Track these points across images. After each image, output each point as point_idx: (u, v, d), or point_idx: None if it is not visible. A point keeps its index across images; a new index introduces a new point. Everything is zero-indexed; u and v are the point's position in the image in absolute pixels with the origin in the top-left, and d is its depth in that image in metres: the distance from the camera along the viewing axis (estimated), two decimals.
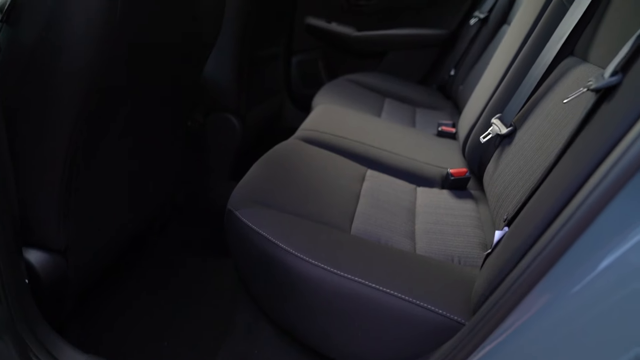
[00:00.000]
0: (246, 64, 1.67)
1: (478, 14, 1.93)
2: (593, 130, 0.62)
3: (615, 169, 0.49)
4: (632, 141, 0.49)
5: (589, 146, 0.58)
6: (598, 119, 0.62)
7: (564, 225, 0.52)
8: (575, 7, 0.99)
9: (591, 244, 0.51)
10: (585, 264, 0.51)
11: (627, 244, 0.49)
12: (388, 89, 1.95)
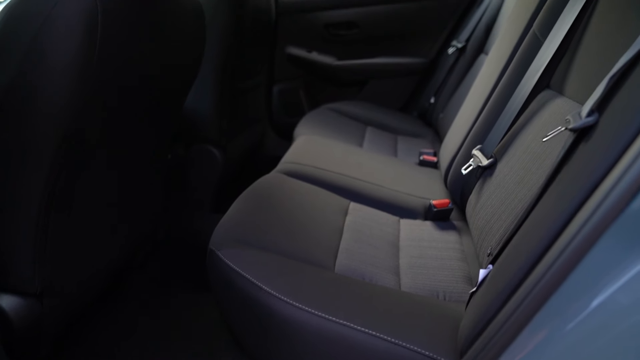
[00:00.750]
0: (227, 95, 1.67)
1: (456, 43, 1.96)
2: (573, 170, 0.62)
3: (599, 212, 0.49)
4: (614, 184, 0.49)
5: (570, 187, 0.58)
6: (577, 159, 0.63)
7: (549, 268, 0.52)
8: (550, 42, 1.01)
9: (577, 286, 0.51)
10: (573, 305, 0.51)
11: (616, 283, 0.49)
12: (369, 118, 1.96)
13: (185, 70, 1.14)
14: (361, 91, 2.30)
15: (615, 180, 0.49)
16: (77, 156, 0.83)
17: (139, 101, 0.99)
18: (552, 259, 0.52)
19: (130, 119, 0.99)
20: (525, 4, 1.23)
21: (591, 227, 0.49)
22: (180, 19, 1.04)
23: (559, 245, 0.53)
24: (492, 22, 1.78)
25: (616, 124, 0.57)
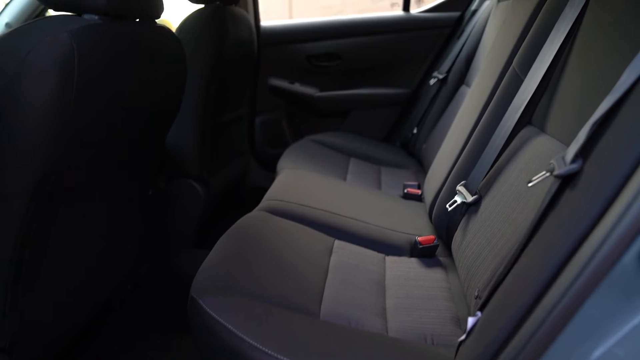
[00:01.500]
0: (209, 128, 1.66)
1: (437, 74, 1.98)
2: (559, 218, 0.61)
3: (590, 267, 0.48)
4: (604, 237, 0.48)
5: (558, 236, 0.58)
6: (563, 207, 0.62)
7: (540, 325, 0.51)
8: (530, 79, 1.01)
9: (569, 344, 0.50)
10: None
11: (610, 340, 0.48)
12: (353, 149, 1.96)
13: (166, 106, 1.13)
14: (344, 122, 2.31)
15: (605, 233, 0.48)
16: (52, 199, 0.81)
17: (120, 139, 0.97)
18: (543, 315, 0.51)
19: (110, 157, 0.97)
20: (504, 41, 1.25)
21: (582, 282, 0.48)
22: (160, 56, 1.03)
23: (549, 300, 0.51)
24: (472, 55, 1.80)
25: (601, 171, 0.57)
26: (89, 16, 0.83)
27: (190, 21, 1.58)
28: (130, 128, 1.00)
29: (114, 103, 0.89)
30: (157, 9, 0.98)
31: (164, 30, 1.02)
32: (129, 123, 0.98)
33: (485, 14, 1.83)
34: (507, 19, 1.33)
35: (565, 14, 0.98)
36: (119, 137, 0.96)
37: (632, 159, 0.52)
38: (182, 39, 1.53)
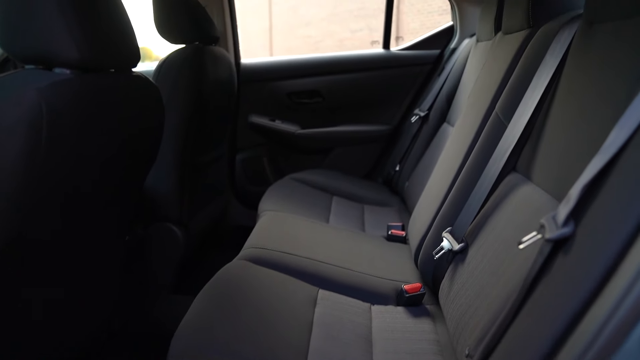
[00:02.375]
0: (188, 170, 1.62)
1: (418, 112, 1.99)
2: (554, 285, 0.59)
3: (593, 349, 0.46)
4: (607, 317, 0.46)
5: (553, 306, 0.55)
6: (557, 272, 0.60)
7: None
8: (513, 126, 1.01)
9: None
10: None
11: None
12: (335, 187, 1.94)
13: (143, 156, 1.09)
14: (326, 159, 2.29)
15: (606, 313, 0.46)
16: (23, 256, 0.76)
17: (95, 192, 0.93)
18: None
19: (85, 210, 0.93)
20: (485, 85, 1.25)
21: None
22: (137, 107, 1.00)
23: None
24: (453, 93, 1.81)
25: (595, 238, 0.55)
26: (60, 70, 0.80)
27: (169, 62, 1.56)
28: (106, 180, 0.96)
29: (87, 158, 0.85)
30: (132, 59, 0.96)
31: (140, 80, 1.00)
32: (105, 175, 0.95)
33: (465, 52, 1.85)
34: (488, 63, 1.33)
35: (546, 62, 0.98)
36: (94, 189, 0.93)
37: (629, 227, 0.50)
38: (160, 80, 1.52)
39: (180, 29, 1.61)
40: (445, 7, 8.37)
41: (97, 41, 0.83)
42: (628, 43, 0.71)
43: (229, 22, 2.13)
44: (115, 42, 0.90)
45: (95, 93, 0.84)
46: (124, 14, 0.93)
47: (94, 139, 0.86)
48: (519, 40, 1.16)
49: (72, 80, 0.78)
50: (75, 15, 0.78)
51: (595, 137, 0.70)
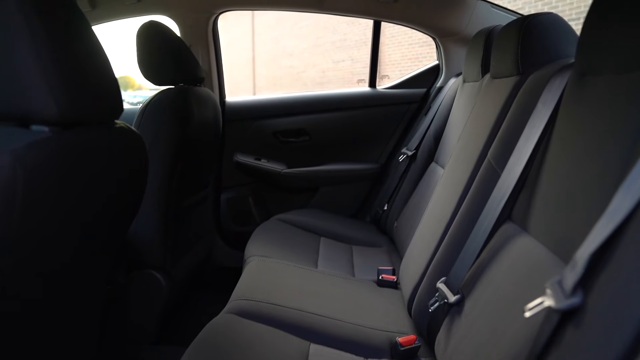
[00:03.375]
0: (172, 215, 1.57)
1: (406, 150, 1.98)
2: None
3: None
4: None
5: None
6: (568, 346, 0.56)
7: None
8: (507, 175, 0.99)
9: None
10: None
11: None
12: (322, 227, 1.90)
13: (128, 209, 1.05)
14: (312, 198, 2.26)
15: None
16: None
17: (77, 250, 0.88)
18: None
19: (65, 268, 0.88)
20: (475, 130, 1.24)
21: None
22: (120, 160, 0.96)
23: None
24: (440, 132, 1.80)
25: (608, 314, 0.52)
26: (38, 127, 0.76)
27: (153, 104, 1.52)
28: (88, 237, 0.91)
29: (67, 218, 0.81)
30: (115, 111, 0.92)
31: (123, 132, 0.96)
32: (86, 233, 0.90)
33: (452, 91, 1.85)
34: (477, 107, 1.33)
35: (538, 111, 0.97)
36: (75, 248, 0.88)
37: None
38: (144, 123, 1.48)
39: (165, 71, 1.58)
40: (425, 40, 8.54)
41: (79, 95, 0.80)
42: (623, 98, 0.70)
43: (214, 61, 2.11)
44: (98, 95, 0.86)
45: (75, 151, 0.80)
46: (106, 63, 0.90)
47: (75, 198, 0.82)
48: (508, 86, 1.16)
49: (51, 139, 0.74)
50: (55, 69, 0.75)
51: (591, 192, 0.69)
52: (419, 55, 8.95)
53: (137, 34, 1.55)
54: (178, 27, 2.03)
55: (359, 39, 10.49)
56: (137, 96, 13.51)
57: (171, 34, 1.61)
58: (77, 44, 0.81)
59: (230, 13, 2.06)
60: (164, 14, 2.00)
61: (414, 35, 8.39)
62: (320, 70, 12.05)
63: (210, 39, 2.07)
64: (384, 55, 9.75)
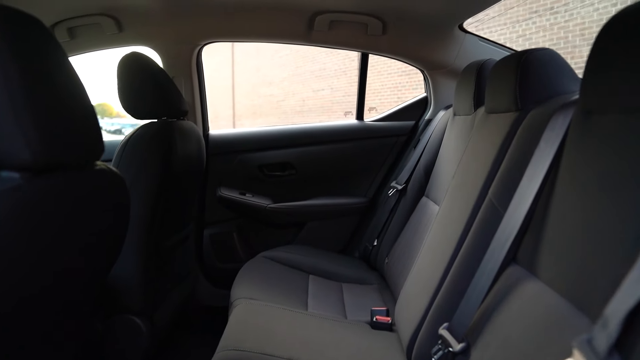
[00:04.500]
0: (153, 256, 1.49)
1: (395, 184, 1.94)
2: None
3: None
4: None
5: None
6: None
7: None
8: (511, 215, 0.95)
9: None
10: None
11: None
12: (310, 265, 1.83)
13: (107, 255, 0.97)
14: (299, 233, 2.19)
15: None
16: None
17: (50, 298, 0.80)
18: None
19: (39, 316, 0.79)
20: (473, 167, 1.20)
21: None
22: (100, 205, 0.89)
23: None
24: (431, 166, 1.77)
25: None
26: (8, 173, 0.68)
27: (135, 139, 1.45)
28: (62, 287, 0.84)
29: (40, 269, 0.73)
30: (94, 153, 0.85)
31: (104, 174, 0.89)
32: (61, 282, 0.82)
33: (442, 124, 1.83)
34: (473, 143, 1.29)
35: (541, 149, 0.94)
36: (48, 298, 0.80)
37: None
38: (125, 159, 1.41)
39: (147, 104, 1.52)
40: (404, 69, 8.64)
41: (55, 138, 0.73)
42: (636, 138, 0.67)
43: (198, 93, 2.06)
44: (76, 136, 0.79)
45: (48, 198, 0.72)
46: (85, 101, 0.83)
47: (46, 247, 0.74)
48: (507, 122, 1.12)
49: (21, 187, 0.67)
50: (29, 111, 0.68)
51: (605, 236, 0.65)
52: (398, 84, 9.07)
53: (119, 65, 1.49)
54: (161, 59, 1.97)
55: (338, 68, 10.61)
56: (114, 124, 13.36)
57: (154, 66, 1.55)
58: (55, 84, 0.75)
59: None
60: (146, 45, 1.95)
61: (393, 64, 8.51)
62: (300, 99, 12.11)
63: (194, 70, 2.02)
64: None
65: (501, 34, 6.98)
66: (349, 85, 10.22)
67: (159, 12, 1.81)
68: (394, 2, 1.70)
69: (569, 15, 6.29)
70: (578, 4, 6.17)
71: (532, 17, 6.70)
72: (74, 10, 1.77)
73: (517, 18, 6.81)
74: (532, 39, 6.69)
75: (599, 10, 5.88)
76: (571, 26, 6.27)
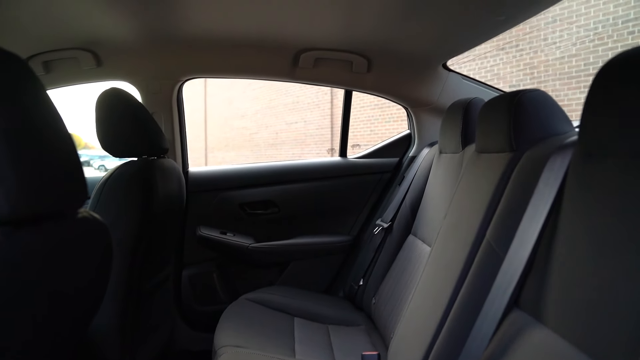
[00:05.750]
0: (132, 302, 1.40)
1: (381, 222, 1.90)
2: None
3: None
4: None
5: None
6: None
7: None
8: (512, 259, 0.92)
9: None
10: None
11: None
12: (295, 307, 1.77)
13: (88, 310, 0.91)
14: (282, 273, 2.12)
15: None
16: None
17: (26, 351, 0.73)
18: None
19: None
20: (467, 208, 1.18)
21: None
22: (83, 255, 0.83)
23: None
24: (417, 204, 1.75)
25: None
26: None
27: (114, 179, 1.38)
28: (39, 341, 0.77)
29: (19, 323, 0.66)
30: (78, 199, 0.79)
31: (87, 222, 0.83)
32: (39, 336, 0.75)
33: (426, 161, 1.82)
34: (466, 182, 1.27)
35: (540, 191, 0.92)
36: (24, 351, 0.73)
37: None
38: (103, 199, 1.34)
39: (127, 142, 1.45)
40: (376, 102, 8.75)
41: (35, 187, 0.67)
42: (638, 182, 0.66)
43: (178, 129, 2.01)
44: (58, 183, 0.74)
45: (29, 253, 0.66)
46: (67, 142, 0.77)
47: (25, 301, 0.68)
48: (501, 163, 1.11)
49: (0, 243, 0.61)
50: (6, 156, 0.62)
51: (614, 281, 0.64)
52: (371, 117, 9.19)
53: (98, 101, 1.43)
54: (140, 94, 1.92)
55: (311, 102, 10.70)
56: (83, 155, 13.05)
57: (135, 102, 1.50)
58: (34, 128, 0.69)
59: None
60: (125, 80, 1.90)
61: (366, 97, 8.63)
62: (273, 132, 12.12)
63: (174, 106, 1.97)
64: (337, 118, 9.95)
65: (470, 68, 7.18)
66: (322, 118, 10.29)
67: (140, 47, 1.78)
68: (379, 41, 1.71)
69: (534, 52, 6.53)
70: (541, 42, 6.43)
71: (499, 53, 6.93)
72: (51, 44, 1.72)
73: (485, 54, 7.03)
74: (500, 73, 6.90)
75: (560, 48, 6.13)
76: (536, 62, 6.50)
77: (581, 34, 5.83)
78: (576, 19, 5.90)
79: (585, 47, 5.76)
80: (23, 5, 1.37)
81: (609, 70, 0.73)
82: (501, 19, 1.43)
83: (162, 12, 1.50)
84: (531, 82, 6.53)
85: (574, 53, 5.92)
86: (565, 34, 6.06)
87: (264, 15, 1.51)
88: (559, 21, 6.11)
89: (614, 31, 5.47)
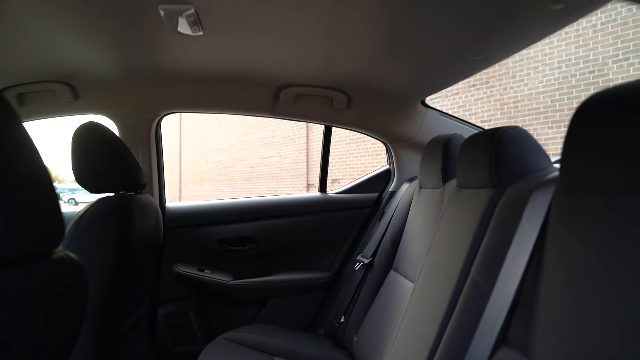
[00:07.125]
0: (104, 345, 1.34)
1: (361, 258, 1.89)
2: None
3: None
4: None
5: None
6: None
7: None
8: (498, 295, 0.92)
9: None
10: None
11: None
12: (275, 346, 1.72)
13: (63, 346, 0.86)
14: (261, 311, 2.07)
15: None
16: None
17: None
18: None
19: None
20: (451, 244, 1.18)
21: None
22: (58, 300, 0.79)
23: None
24: (398, 239, 1.74)
25: None
26: None
27: (90, 215, 1.33)
28: None
29: None
30: (54, 238, 0.76)
31: (63, 263, 0.79)
32: None
33: (407, 196, 1.82)
34: (447, 218, 1.28)
35: (523, 227, 0.93)
36: None
37: None
38: (78, 235, 1.29)
39: (104, 177, 1.41)
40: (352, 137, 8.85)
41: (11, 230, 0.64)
42: (625, 218, 0.66)
43: (155, 164, 1.98)
44: (34, 223, 0.70)
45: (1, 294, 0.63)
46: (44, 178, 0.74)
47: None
48: (483, 198, 1.12)
49: None
50: None
51: (603, 317, 0.63)
52: (347, 152, 9.26)
53: (74, 135, 1.39)
54: (117, 128, 1.89)
55: (286, 136, 10.74)
56: None
57: (112, 137, 1.47)
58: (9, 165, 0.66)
59: None
60: (102, 114, 1.87)
61: (341, 132, 8.71)
62: (248, 166, 12.09)
63: (152, 140, 1.95)
64: (313, 152, 10.00)
65: (443, 104, 7.36)
66: (297, 152, 10.33)
67: (118, 81, 1.76)
68: (359, 79, 1.73)
69: (503, 89, 6.74)
70: (510, 79, 6.65)
71: (470, 90, 7.13)
72: (26, 76, 1.69)
73: (457, 90, 7.23)
74: (472, 109, 7.08)
75: (527, 85, 6.34)
76: (506, 99, 6.71)
77: (547, 72, 6.06)
78: (542, 58, 6.14)
79: (551, 84, 5.98)
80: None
81: (586, 110, 0.75)
82: (479, 59, 1.47)
83: (141, 48, 1.49)
84: (502, 117, 6.72)
85: (541, 90, 6.13)
86: (532, 72, 6.29)
87: (244, 52, 1.51)
88: (526, 60, 6.35)
89: (576, 70, 5.71)
